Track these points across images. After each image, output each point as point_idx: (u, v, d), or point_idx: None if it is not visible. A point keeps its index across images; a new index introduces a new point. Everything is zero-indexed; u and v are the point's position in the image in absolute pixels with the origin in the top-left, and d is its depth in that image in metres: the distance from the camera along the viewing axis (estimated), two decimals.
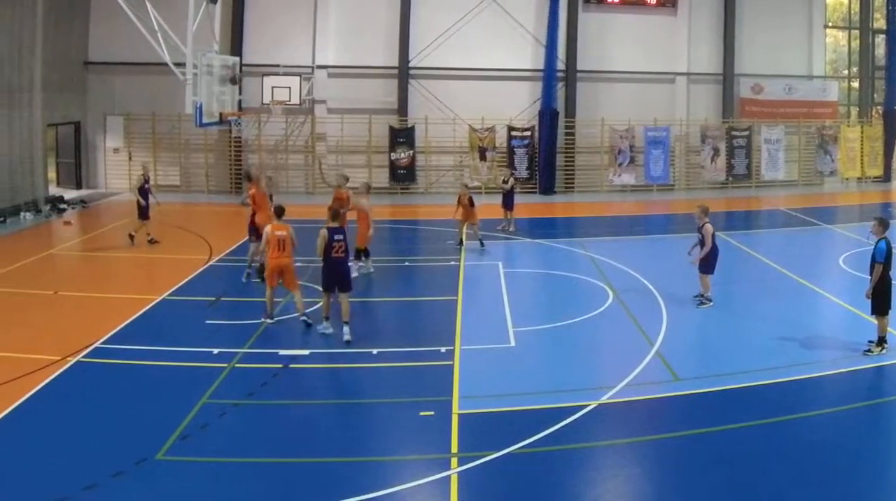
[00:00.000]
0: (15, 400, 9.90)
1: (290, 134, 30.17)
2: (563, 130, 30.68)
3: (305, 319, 13.19)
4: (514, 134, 30.24)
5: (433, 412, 9.76)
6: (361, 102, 29.64)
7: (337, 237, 12.49)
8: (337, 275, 12.61)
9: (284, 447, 8.95)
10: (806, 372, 11.13)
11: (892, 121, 33.65)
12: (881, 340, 11.79)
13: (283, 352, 11.84)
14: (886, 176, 33.82)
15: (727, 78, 32.27)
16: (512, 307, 14.51)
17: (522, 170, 30.03)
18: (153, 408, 9.79)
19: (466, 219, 19.71)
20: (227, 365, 11.31)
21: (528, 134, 30.30)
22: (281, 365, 11.38)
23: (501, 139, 30.29)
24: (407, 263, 18.46)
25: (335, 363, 11.73)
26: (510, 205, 22.26)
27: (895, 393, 10.68)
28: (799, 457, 8.64)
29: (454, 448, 8.84)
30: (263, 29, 29.43)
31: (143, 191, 19.62)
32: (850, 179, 33.77)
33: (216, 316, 13.82)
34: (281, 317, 13.53)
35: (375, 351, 11.97)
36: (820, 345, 12.47)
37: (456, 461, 8.51)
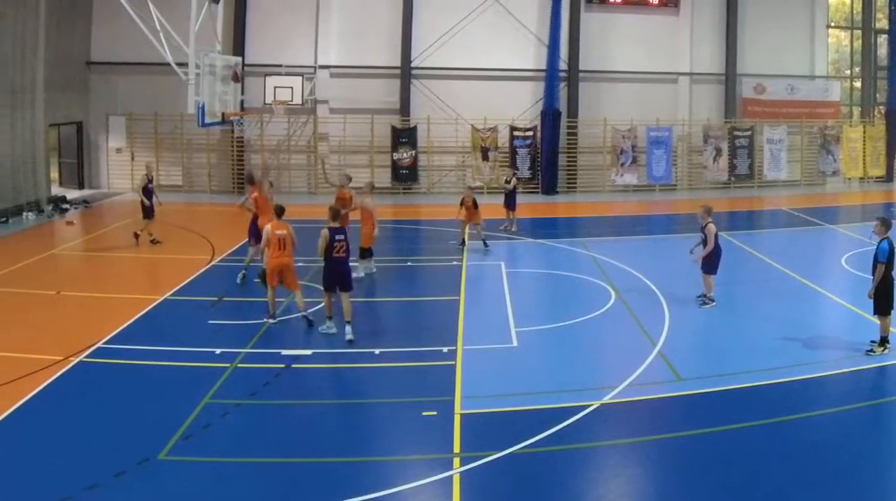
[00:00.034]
0: (17, 399, 9.91)
1: (292, 134, 30.18)
2: (565, 130, 30.67)
3: (306, 317, 13.22)
4: (516, 134, 30.23)
5: (435, 412, 9.76)
6: (364, 102, 29.64)
7: (338, 237, 12.50)
8: (338, 275, 12.61)
9: (287, 447, 8.95)
10: (808, 372, 11.12)
11: (894, 121, 33.62)
12: (883, 340, 11.79)
13: (285, 352, 11.85)
14: (889, 176, 33.78)
15: (729, 78, 32.23)
16: (514, 307, 14.51)
17: (525, 170, 30.02)
18: (155, 408, 9.80)
19: (470, 220, 19.73)
20: (229, 365, 11.32)
21: (530, 134, 30.29)
22: (283, 365, 11.39)
23: (504, 139, 30.28)
24: (409, 263, 18.46)
25: (337, 363, 11.73)
26: (512, 205, 22.26)
27: None
28: (801, 457, 8.64)
29: (456, 448, 8.84)
30: (266, 29, 29.44)
31: (146, 191, 19.67)
32: (852, 179, 33.72)
33: (218, 316, 13.82)
34: (283, 317, 13.54)
35: (378, 351, 11.97)
36: (822, 345, 12.46)
37: (458, 461, 8.51)
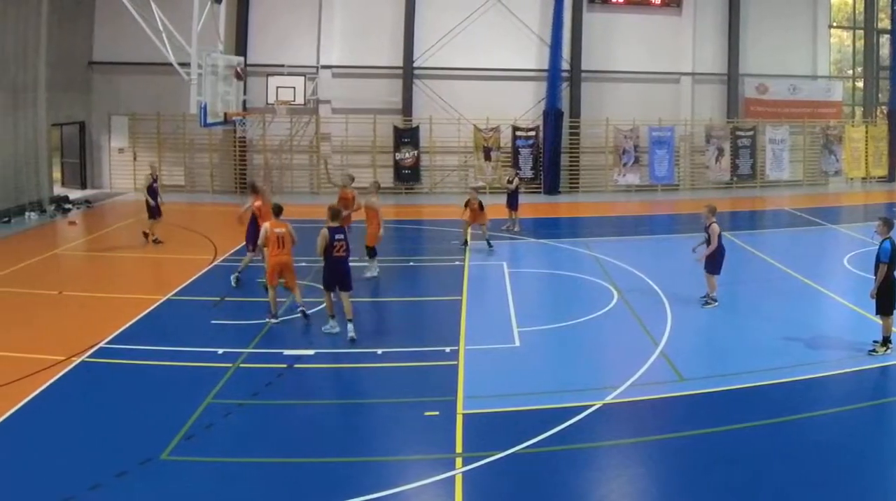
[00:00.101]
0: (20, 399, 9.92)
1: (294, 134, 30.19)
2: (567, 130, 30.62)
3: (303, 311, 13.34)
4: (518, 134, 30.21)
5: (438, 412, 9.76)
6: (366, 102, 29.63)
7: (338, 236, 12.51)
8: (338, 275, 12.63)
9: (289, 447, 8.96)
10: (810, 372, 11.11)
11: None
12: (886, 340, 11.78)
13: (287, 352, 11.85)
14: (891, 176, 33.68)
15: (732, 78, 32.19)
16: (516, 307, 14.50)
17: (527, 170, 30.00)
18: (158, 408, 9.80)
19: (474, 221, 19.67)
20: (231, 365, 11.33)
21: (532, 134, 30.27)
22: (286, 365, 11.39)
23: (506, 139, 30.25)
24: (412, 263, 18.45)
25: (340, 363, 11.74)
26: (515, 205, 22.26)
27: None
28: (803, 457, 8.63)
29: (459, 448, 8.85)
30: (268, 29, 29.45)
31: (151, 191, 19.72)
32: (854, 179, 33.67)
33: (221, 316, 13.83)
34: (286, 317, 13.54)
35: (380, 351, 11.97)
36: (824, 345, 12.45)
37: (460, 461, 8.52)
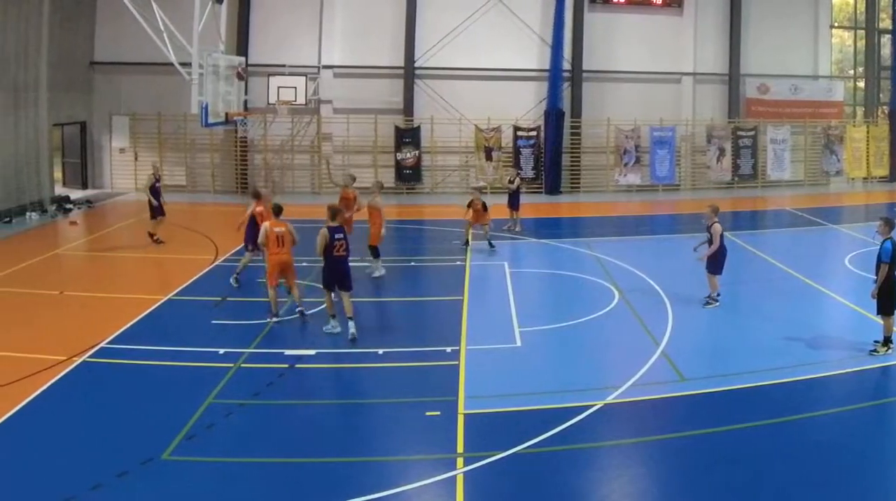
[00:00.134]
0: (21, 399, 9.92)
1: (295, 134, 30.20)
2: (568, 130, 30.58)
3: (301, 310, 13.40)
4: (519, 134, 30.19)
5: (439, 412, 9.76)
6: (367, 102, 29.63)
7: (337, 236, 12.52)
8: (338, 274, 12.64)
9: (290, 447, 8.96)
10: (812, 372, 11.11)
11: None
12: (887, 340, 11.77)
13: (288, 352, 11.85)
14: (892, 176, 33.61)
15: (733, 78, 32.16)
16: (518, 307, 14.49)
17: (528, 170, 29.98)
18: (159, 408, 9.81)
19: (476, 222, 19.62)
20: (232, 365, 11.33)
21: (533, 134, 30.26)
22: (287, 365, 11.39)
23: (507, 139, 30.24)
24: (413, 263, 18.45)
25: (341, 363, 11.74)
26: (516, 205, 22.26)
27: None
28: (805, 457, 8.63)
29: (460, 448, 8.85)
30: (269, 29, 29.45)
31: (154, 191, 19.73)
32: (855, 179, 33.64)
33: (222, 316, 13.83)
34: (287, 317, 13.55)
35: (381, 351, 11.97)
36: (826, 345, 12.44)
37: (462, 461, 8.52)
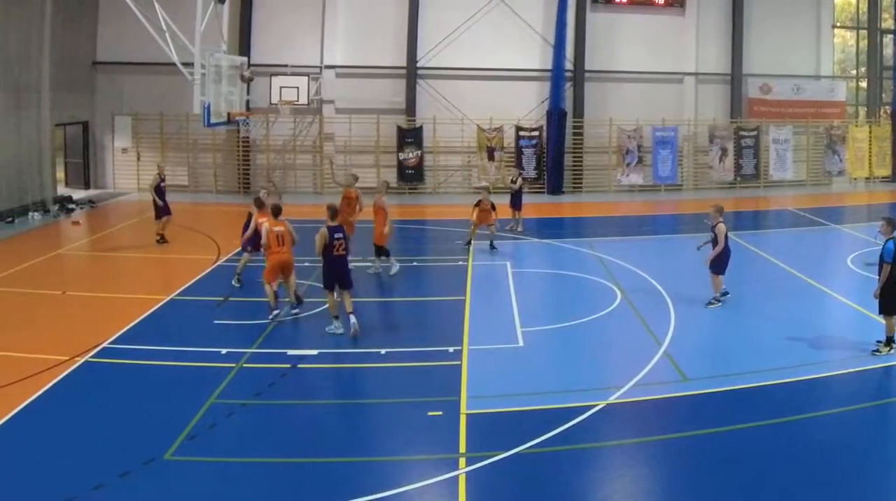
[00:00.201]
0: (23, 399, 9.93)
1: (298, 134, 30.22)
2: (571, 130, 30.60)
3: (297, 297, 13.60)
4: (522, 134, 30.20)
5: (441, 412, 9.76)
6: (369, 102, 29.66)
7: (337, 235, 12.54)
8: (338, 273, 12.66)
9: (292, 447, 8.96)
10: (814, 372, 11.09)
11: None
12: (889, 340, 11.74)
13: (291, 352, 11.85)
14: (894, 176, 33.62)
15: (735, 78, 32.17)
16: (520, 307, 14.48)
17: (530, 170, 29.97)
18: (161, 408, 9.81)
19: (482, 222, 19.55)
20: (235, 365, 11.33)
21: (536, 134, 30.26)
22: (289, 365, 11.40)
23: (509, 139, 30.25)
24: (415, 263, 18.42)
25: (343, 363, 11.74)
26: (518, 205, 22.25)
27: None
28: (807, 457, 8.62)
29: (462, 449, 8.84)
30: (271, 29, 29.47)
31: (159, 190, 19.75)
32: (858, 179, 33.63)
33: (224, 316, 13.85)
34: (287, 317, 13.55)
35: (383, 351, 11.97)
36: (828, 345, 12.43)
37: (464, 461, 8.51)
